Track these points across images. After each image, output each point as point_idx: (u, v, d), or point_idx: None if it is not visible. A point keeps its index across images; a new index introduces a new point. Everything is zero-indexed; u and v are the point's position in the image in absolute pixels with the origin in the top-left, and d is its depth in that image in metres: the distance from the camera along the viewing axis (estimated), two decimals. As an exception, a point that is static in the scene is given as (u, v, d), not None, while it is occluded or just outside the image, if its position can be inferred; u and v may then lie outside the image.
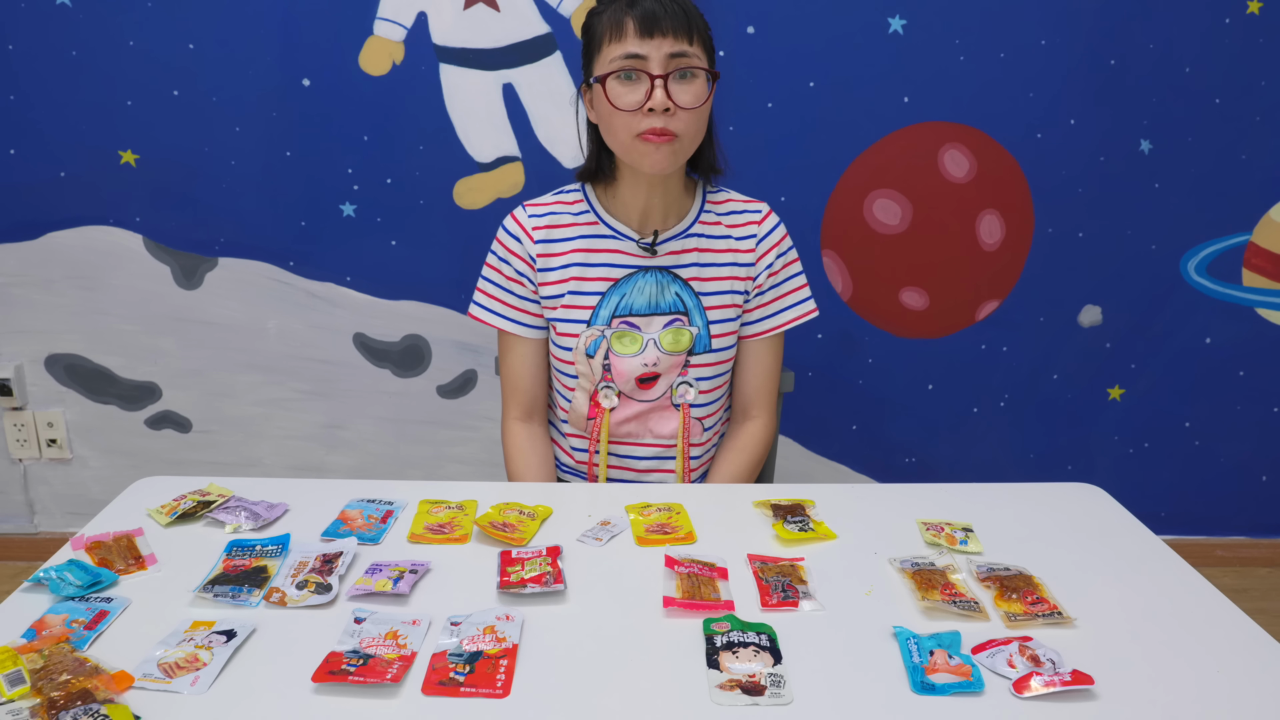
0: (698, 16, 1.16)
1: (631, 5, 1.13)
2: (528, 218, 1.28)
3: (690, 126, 1.16)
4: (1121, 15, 1.86)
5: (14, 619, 0.87)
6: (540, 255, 1.27)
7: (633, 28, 1.12)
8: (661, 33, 1.11)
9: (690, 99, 1.15)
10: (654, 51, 1.12)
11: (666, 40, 1.12)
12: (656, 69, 1.12)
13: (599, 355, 1.28)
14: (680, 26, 1.12)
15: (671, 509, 1.11)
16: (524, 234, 1.27)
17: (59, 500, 2.22)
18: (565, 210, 1.29)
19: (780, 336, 1.34)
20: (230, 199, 1.96)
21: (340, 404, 2.12)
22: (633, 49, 1.12)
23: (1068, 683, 0.78)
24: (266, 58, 1.86)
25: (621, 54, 1.13)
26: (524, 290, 1.29)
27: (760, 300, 1.31)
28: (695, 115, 1.16)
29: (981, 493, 1.17)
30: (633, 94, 1.14)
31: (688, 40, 1.13)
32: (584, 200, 1.29)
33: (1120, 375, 2.14)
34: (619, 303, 1.27)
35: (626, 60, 1.13)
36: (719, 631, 0.86)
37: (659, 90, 1.12)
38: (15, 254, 2.00)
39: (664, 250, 1.27)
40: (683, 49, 1.13)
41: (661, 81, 1.12)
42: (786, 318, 1.32)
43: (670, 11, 1.12)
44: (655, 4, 1.12)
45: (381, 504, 1.11)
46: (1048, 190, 1.98)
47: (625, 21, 1.13)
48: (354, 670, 0.79)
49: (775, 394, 1.39)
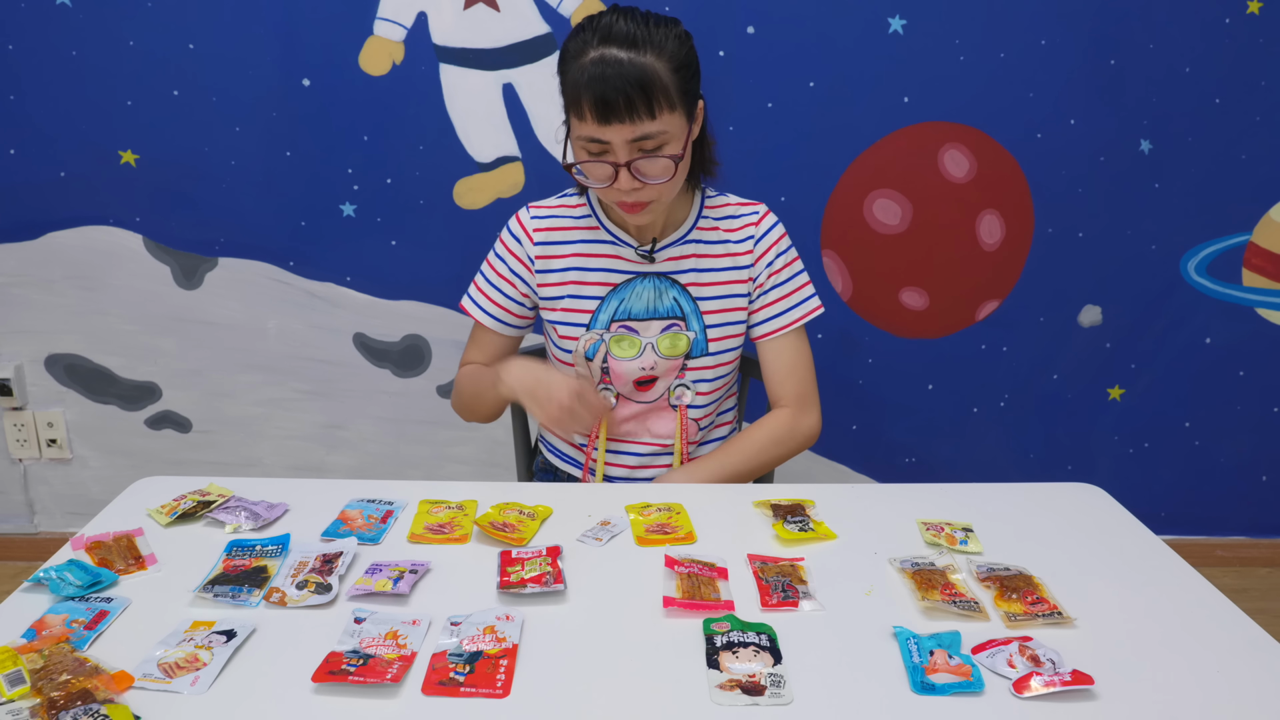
0: (666, 77, 1.08)
1: (588, 80, 1.07)
2: (530, 219, 1.29)
3: (665, 190, 1.15)
4: (1121, 15, 1.86)
5: (14, 619, 0.87)
6: (540, 257, 1.28)
7: (590, 114, 1.08)
8: (619, 119, 1.07)
9: (659, 172, 1.13)
10: (615, 137, 1.09)
11: (625, 126, 1.08)
12: (621, 155, 1.10)
13: (598, 358, 1.29)
14: (639, 107, 1.07)
15: (671, 509, 1.11)
16: (525, 235, 1.29)
17: (59, 500, 2.22)
18: (568, 214, 1.29)
19: (796, 333, 1.32)
20: (230, 199, 1.96)
21: (340, 404, 2.12)
22: (593, 134, 1.10)
23: (1068, 683, 0.78)
24: (266, 58, 1.86)
25: (585, 136, 1.11)
26: (514, 291, 1.31)
27: (765, 300, 1.31)
28: (667, 184, 1.14)
29: (981, 493, 1.17)
30: (600, 171, 1.13)
31: (650, 117, 1.08)
32: (586, 204, 1.30)
33: (1120, 375, 2.14)
34: (618, 307, 1.27)
35: (590, 143, 1.11)
36: (719, 631, 0.86)
37: (623, 177, 1.11)
38: (15, 254, 2.00)
39: (662, 256, 1.27)
40: (644, 131, 1.08)
41: (625, 168, 1.11)
42: (793, 316, 1.32)
43: (625, 93, 1.06)
44: (612, 83, 1.05)
45: (381, 504, 1.11)
46: (1048, 190, 1.98)
47: (583, 104, 1.08)
48: (354, 670, 0.79)
49: (804, 388, 1.33)
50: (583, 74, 1.07)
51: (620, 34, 1.08)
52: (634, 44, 1.07)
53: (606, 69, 1.06)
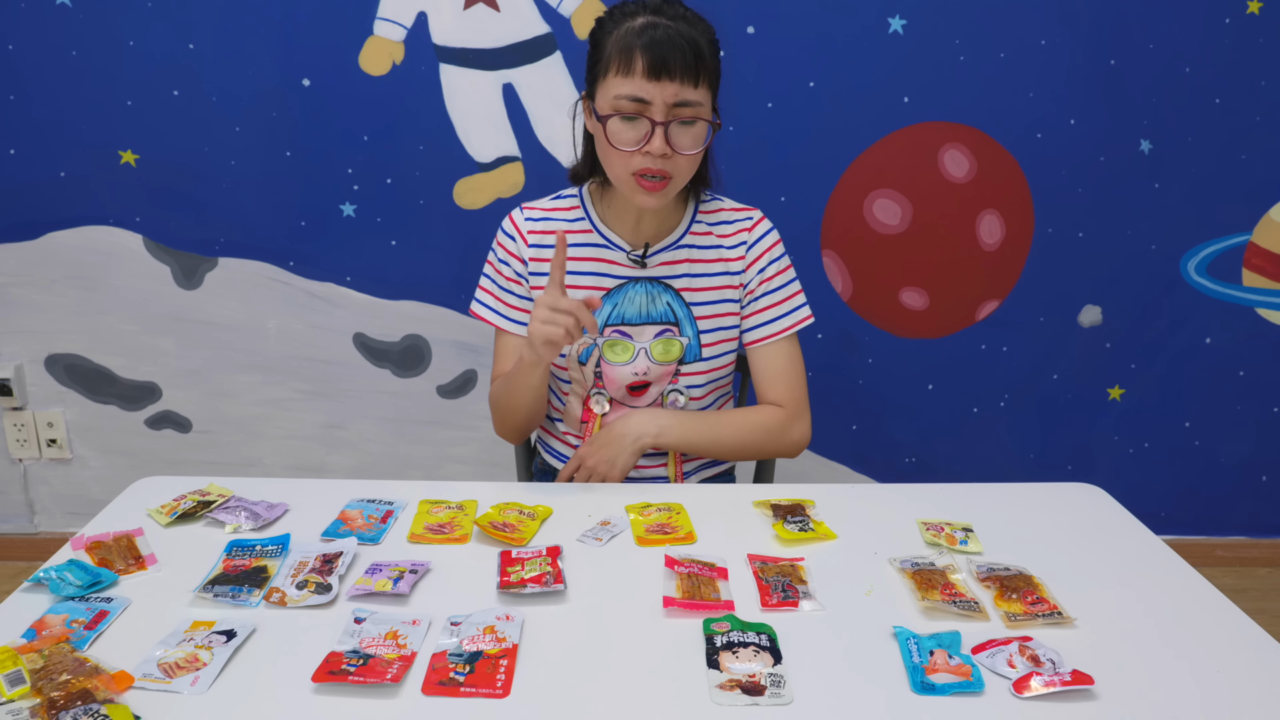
0: (708, 53, 1.13)
1: (642, 37, 1.09)
2: (523, 220, 1.29)
3: (685, 168, 1.17)
4: (1121, 15, 1.86)
5: (14, 619, 0.87)
6: (533, 259, 1.28)
7: (641, 66, 1.09)
8: (670, 76, 1.09)
9: (690, 143, 1.14)
10: (659, 95, 1.10)
11: (673, 85, 1.10)
12: (659, 115, 1.11)
13: (591, 363, 1.29)
14: (689, 70, 1.10)
15: (671, 509, 1.11)
16: (519, 235, 1.29)
17: (59, 500, 2.22)
18: (561, 217, 1.29)
19: (789, 340, 1.31)
20: (230, 199, 1.96)
21: (340, 404, 2.12)
22: (638, 91, 1.10)
23: (1068, 683, 0.78)
24: (266, 58, 1.86)
25: (627, 94, 1.11)
26: (522, 290, 1.30)
27: (756, 306, 1.31)
28: (692, 158, 1.16)
29: (981, 493, 1.17)
30: (632, 132, 1.13)
31: (694, 84, 1.11)
32: (580, 207, 1.29)
33: (1120, 375, 2.14)
34: (611, 312, 1.27)
35: (630, 102, 1.11)
36: (719, 631, 0.86)
37: (658, 137, 1.12)
38: (15, 254, 2.00)
39: (655, 261, 1.27)
40: (687, 97, 1.11)
41: (663, 128, 1.12)
42: (786, 323, 1.31)
43: (681, 52, 1.09)
44: (667, 43, 1.09)
45: (381, 504, 1.11)
46: (1048, 190, 1.98)
47: (635, 58, 1.10)
48: (354, 670, 0.79)
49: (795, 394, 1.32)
50: (636, 35, 1.10)
51: (670, 12, 1.13)
52: (683, 19, 1.12)
53: (663, 31, 1.10)
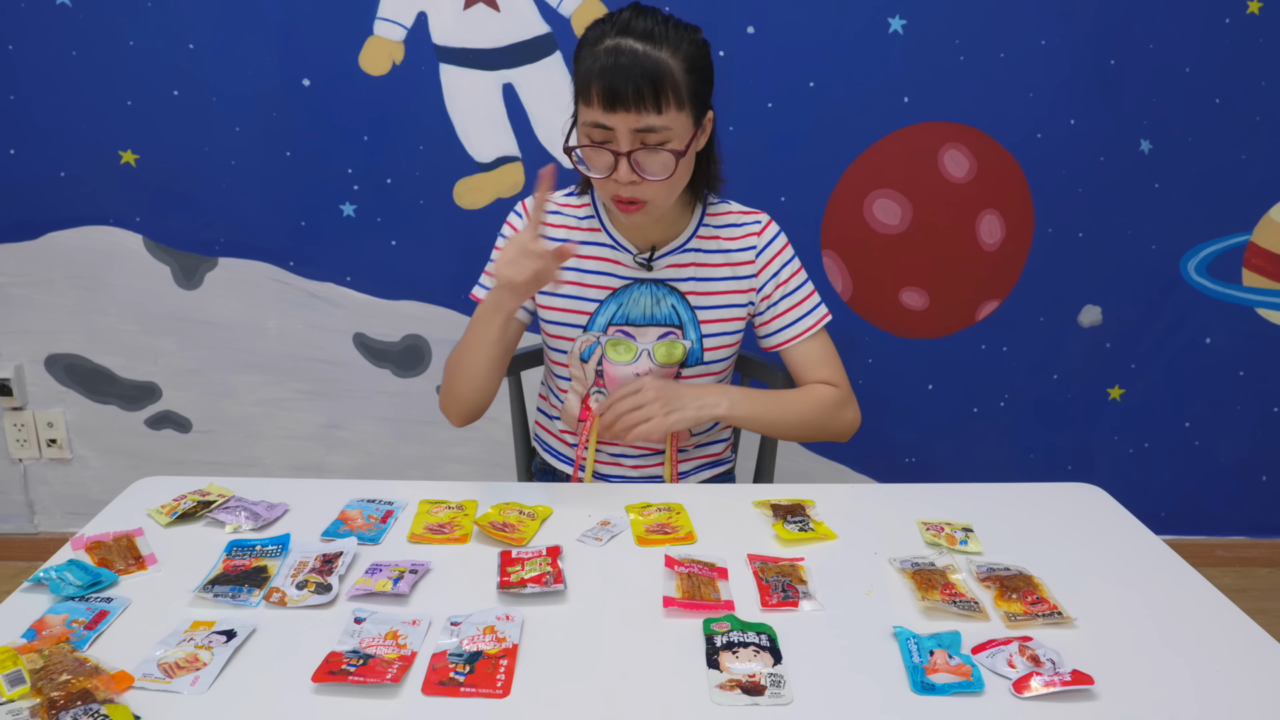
0: (679, 73, 1.09)
1: (601, 71, 1.07)
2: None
3: (661, 191, 1.15)
4: (1121, 15, 1.86)
5: (14, 619, 0.87)
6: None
7: (598, 98, 1.08)
8: (625, 107, 1.07)
9: (658, 169, 1.12)
10: (620, 124, 1.09)
11: (631, 115, 1.08)
12: (623, 144, 1.10)
13: (593, 361, 1.28)
14: (647, 98, 1.07)
15: (671, 509, 1.11)
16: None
17: (59, 500, 2.22)
18: (571, 213, 1.30)
19: (819, 335, 1.31)
20: (230, 199, 1.96)
21: (340, 404, 2.12)
22: (599, 119, 1.10)
23: (1068, 683, 0.78)
24: (266, 58, 1.86)
25: (590, 121, 1.11)
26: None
27: (776, 310, 1.31)
28: (667, 183, 1.14)
29: (981, 493, 1.17)
30: (600, 160, 1.13)
31: (656, 111, 1.08)
32: (591, 205, 1.30)
33: (1120, 375, 2.14)
34: (615, 312, 1.27)
35: (596, 130, 1.11)
36: (719, 631, 0.86)
37: (623, 167, 1.11)
38: (15, 254, 2.00)
39: (661, 265, 1.27)
40: (649, 124, 1.08)
41: (626, 158, 1.10)
42: (810, 322, 1.31)
43: (635, 81, 1.06)
44: (621, 76, 1.06)
45: (381, 504, 1.11)
46: (1048, 190, 1.98)
47: (592, 88, 1.08)
48: (354, 670, 0.79)
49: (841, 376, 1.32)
50: (596, 60, 1.08)
51: (638, 28, 1.09)
52: (650, 38, 1.08)
53: (620, 57, 1.07)
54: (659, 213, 1.19)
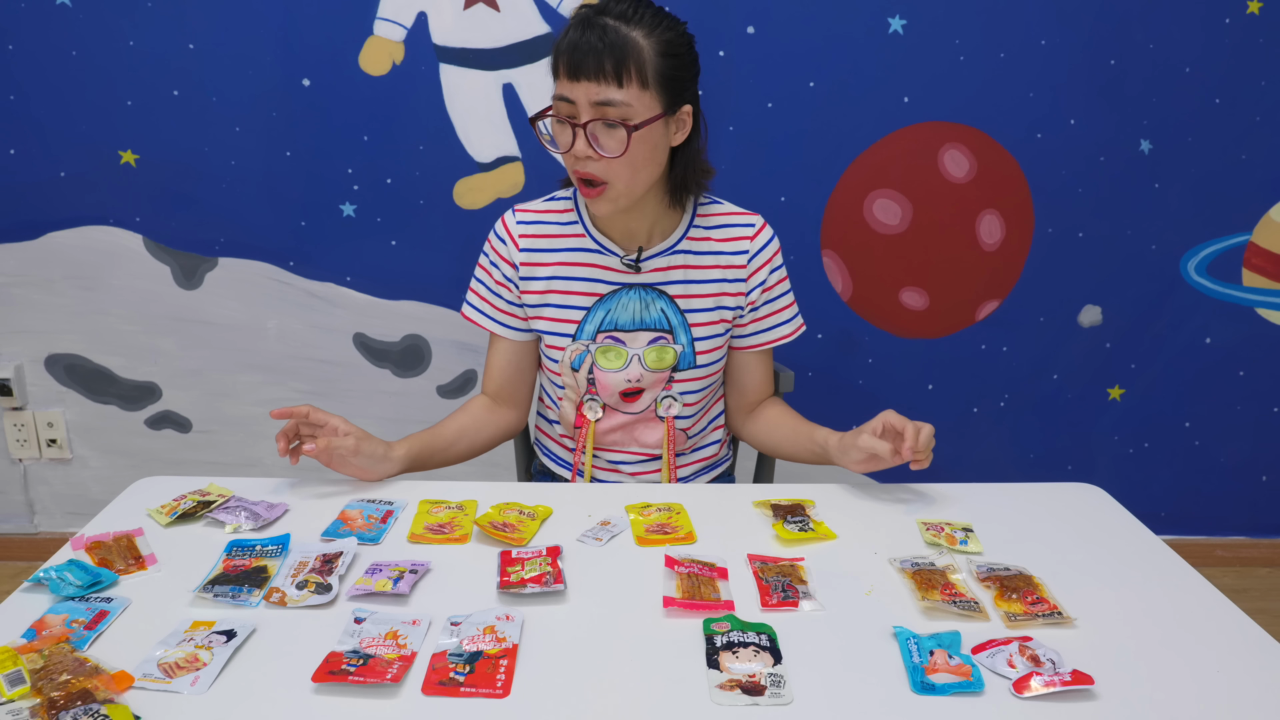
0: (650, 53, 1.08)
1: (569, 43, 1.08)
2: (516, 224, 1.27)
3: (623, 173, 1.12)
4: (1121, 15, 1.86)
5: (14, 619, 0.87)
6: (524, 264, 1.26)
7: (563, 68, 1.09)
8: (587, 75, 1.07)
9: (613, 146, 1.10)
10: (579, 96, 1.09)
11: (591, 85, 1.07)
12: (582, 115, 1.10)
13: (584, 369, 1.28)
14: (608, 70, 1.07)
15: (671, 509, 1.11)
16: (510, 239, 1.27)
17: (59, 500, 2.22)
18: (554, 220, 1.27)
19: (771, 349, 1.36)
20: (230, 199, 1.96)
21: (340, 404, 2.12)
22: (563, 91, 1.10)
23: (1068, 683, 0.78)
24: (266, 58, 1.86)
25: (556, 94, 1.11)
26: (511, 295, 1.29)
27: (754, 315, 1.31)
28: (625, 162, 1.11)
29: (981, 493, 1.18)
30: (563, 134, 1.13)
31: (617, 84, 1.07)
32: (574, 210, 1.27)
33: (1120, 375, 2.14)
34: (604, 318, 1.26)
35: (559, 103, 1.11)
36: (719, 631, 0.86)
37: (579, 138, 1.11)
38: (15, 254, 2.00)
39: (649, 267, 1.25)
40: (608, 97, 1.08)
41: (583, 129, 1.10)
42: (777, 335, 1.32)
43: (598, 52, 1.06)
44: (587, 43, 1.07)
45: (381, 504, 1.11)
46: (1048, 190, 1.98)
47: (560, 60, 1.09)
48: (354, 670, 0.79)
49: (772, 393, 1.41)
50: (567, 35, 1.09)
51: (614, 10, 1.10)
52: (623, 18, 1.09)
53: (589, 32, 1.07)
54: (624, 201, 1.16)
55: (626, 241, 1.25)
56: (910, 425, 1.13)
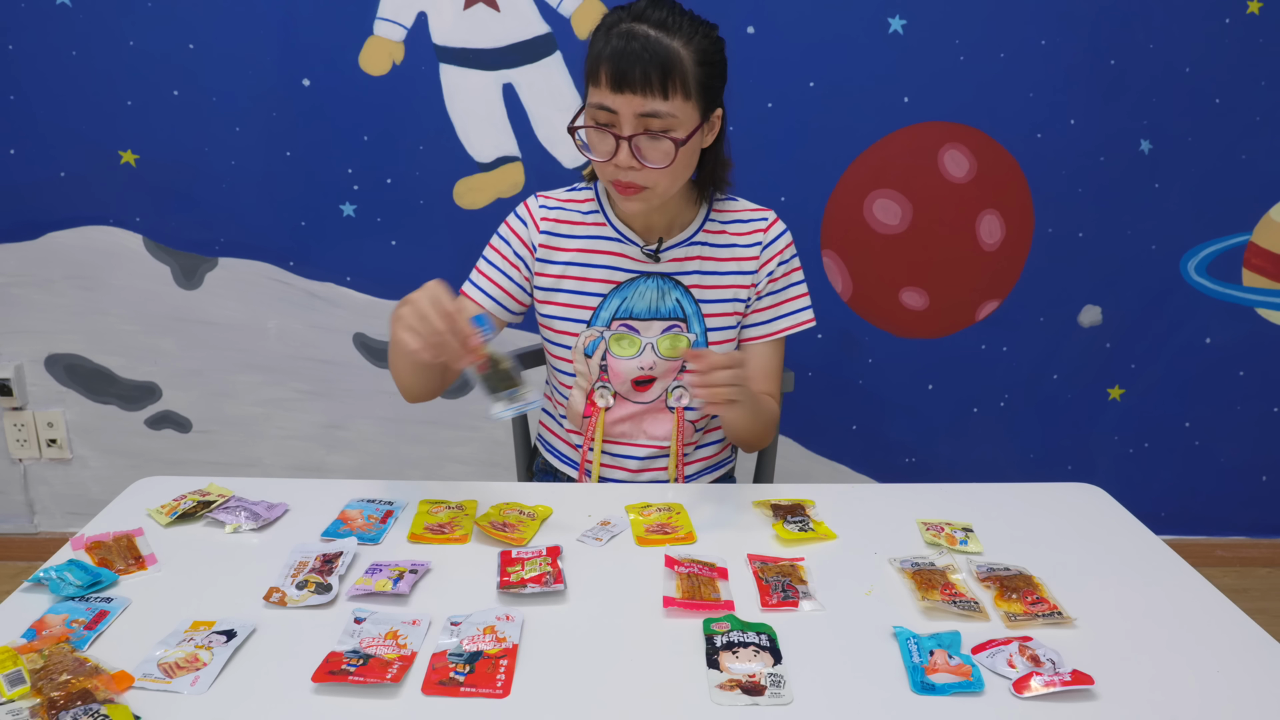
0: (690, 63, 1.09)
1: (612, 54, 1.08)
2: (538, 208, 1.29)
3: (663, 178, 1.15)
4: (1121, 15, 1.86)
5: (14, 619, 0.87)
6: (543, 246, 1.28)
7: (606, 79, 1.08)
8: (632, 89, 1.07)
9: (659, 157, 1.12)
10: (624, 108, 1.09)
11: (636, 98, 1.08)
12: (626, 128, 1.10)
13: (596, 355, 1.29)
14: (654, 82, 1.07)
15: (671, 509, 1.11)
16: (532, 221, 1.29)
17: (59, 500, 2.22)
18: (575, 208, 1.30)
19: (779, 342, 1.34)
20: (230, 199, 1.96)
21: (340, 404, 2.12)
22: (605, 101, 1.10)
23: (1068, 683, 0.78)
24: (266, 58, 1.86)
25: (596, 103, 1.11)
26: (516, 275, 1.30)
27: (759, 305, 1.31)
28: (667, 171, 1.13)
29: (981, 493, 1.17)
30: (603, 143, 1.13)
31: (662, 96, 1.08)
32: (595, 200, 1.30)
33: (1120, 375, 2.14)
34: (620, 306, 1.27)
35: (598, 111, 1.11)
36: (719, 631, 0.86)
37: (623, 151, 1.11)
38: (15, 254, 2.00)
39: (667, 257, 1.27)
40: (654, 108, 1.08)
41: (628, 142, 1.10)
42: (782, 325, 1.32)
43: (645, 64, 1.06)
44: (632, 54, 1.06)
45: (381, 504, 1.11)
46: (1048, 190, 1.98)
47: (601, 68, 1.09)
48: (354, 670, 0.79)
49: (776, 392, 1.38)
50: (608, 43, 1.09)
51: (653, 17, 1.10)
52: (664, 27, 1.09)
53: (632, 41, 1.07)
54: (658, 201, 1.19)
55: (647, 233, 1.27)
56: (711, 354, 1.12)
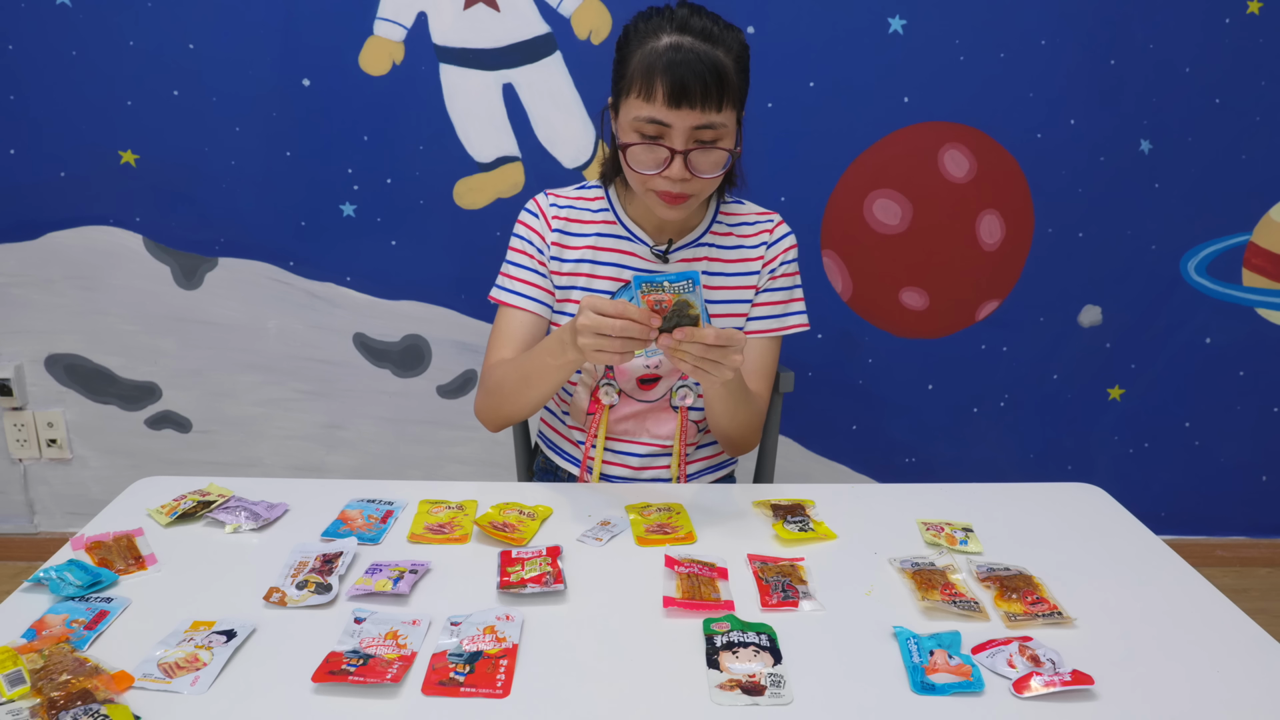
0: (734, 72, 1.10)
1: (663, 60, 1.07)
2: (549, 205, 1.29)
3: (707, 187, 1.16)
4: (1121, 15, 1.86)
5: (14, 619, 0.87)
6: (555, 244, 1.28)
7: (662, 93, 1.07)
8: (690, 104, 1.07)
9: (709, 167, 1.13)
10: (679, 122, 1.09)
11: (694, 113, 1.08)
12: (679, 142, 1.10)
13: None
14: (710, 96, 1.07)
15: (671, 509, 1.12)
16: (542, 215, 1.29)
17: (59, 500, 2.22)
18: (585, 206, 1.30)
19: (775, 340, 1.33)
20: (230, 199, 1.96)
21: (340, 404, 2.12)
22: (659, 116, 1.09)
23: (1068, 683, 0.78)
24: (266, 58, 1.86)
25: (646, 117, 1.10)
26: (544, 268, 1.29)
27: (759, 301, 1.31)
28: (711, 180, 1.15)
29: (981, 493, 1.17)
30: (652, 156, 1.12)
31: (716, 109, 1.09)
32: (605, 198, 1.30)
33: (1120, 375, 2.14)
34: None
35: (651, 125, 1.10)
36: (719, 631, 0.86)
37: (677, 164, 1.11)
38: (15, 254, 2.00)
39: (675, 257, 1.28)
40: (710, 121, 1.09)
41: (682, 156, 1.10)
42: (776, 325, 1.32)
43: (703, 78, 1.06)
44: (689, 68, 1.06)
45: (381, 504, 1.11)
46: (1048, 190, 1.98)
47: (656, 83, 1.07)
48: (354, 670, 0.79)
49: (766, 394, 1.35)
50: (659, 57, 1.08)
51: (697, 27, 1.09)
52: (710, 38, 1.09)
53: (686, 54, 1.07)
54: (695, 205, 1.20)
55: (657, 233, 1.28)
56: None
